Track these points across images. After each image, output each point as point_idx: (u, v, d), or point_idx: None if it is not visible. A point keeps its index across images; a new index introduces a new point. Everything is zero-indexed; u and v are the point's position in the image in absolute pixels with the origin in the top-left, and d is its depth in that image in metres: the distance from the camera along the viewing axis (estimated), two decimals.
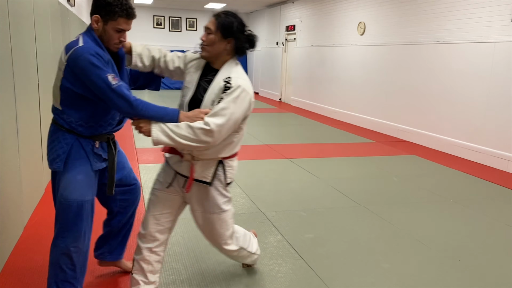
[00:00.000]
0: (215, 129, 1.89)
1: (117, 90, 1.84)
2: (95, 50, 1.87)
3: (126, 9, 1.98)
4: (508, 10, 5.21)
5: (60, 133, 2.01)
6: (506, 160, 5.25)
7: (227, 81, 1.98)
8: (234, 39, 2.06)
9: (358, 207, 3.83)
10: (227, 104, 1.92)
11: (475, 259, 2.90)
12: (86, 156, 2.03)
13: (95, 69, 1.82)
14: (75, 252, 2.04)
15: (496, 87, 5.40)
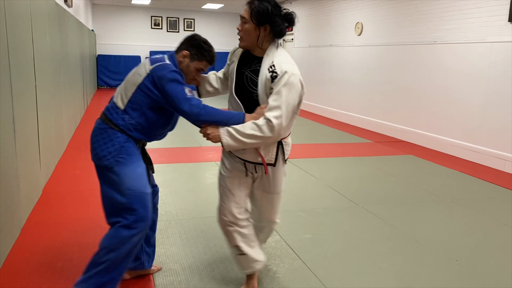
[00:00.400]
0: (276, 122, 1.94)
1: (190, 100, 2.04)
2: (179, 71, 2.13)
3: (212, 56, 2.26)
4: (505, 10, 5.22)
5: (111, 131, 2.14)
6: (504, 159, 5.26)
7: (272, 70, 2.00)
8: (270, 24, 2.04)
9: (356, 207, 3.83)
10: (279, 94, 1.95)
11: (472, 259, 2.91)
12: (139, 154, 2.20)
13: (175, 83, 2.06)
14: (138, 242, 2.11)
15: (493, 87, 5.41)
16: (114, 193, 2.10)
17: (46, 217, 3.39)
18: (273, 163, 2.16)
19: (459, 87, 5.94)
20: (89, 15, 12.62)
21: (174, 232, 3.17)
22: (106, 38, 14.48)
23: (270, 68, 2.01)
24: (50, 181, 4.29)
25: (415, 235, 3.26)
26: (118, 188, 2.08)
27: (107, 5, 14.24)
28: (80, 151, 5.59)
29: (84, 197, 3.89)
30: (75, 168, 4.78)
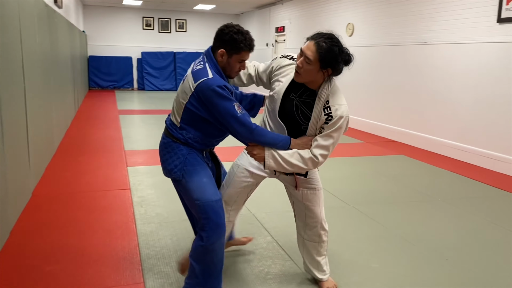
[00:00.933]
0: (322, 160, 2.11)
1: (241, 119, 2.07)
2: (223, 83, 2.08)
3: (249, 44, 2.17)
4: (493, 11, 5.27)
5: (175, 145, 2.22)
6: (493, 159, 5.31)
7: (328, 113, 2.07)
8: (332, 69, 2.05)
9: (347, 207, 3.84)
10: (331, 136, 2.09)
11: (463, 258, 2.93)
12: (203, 162, 2.27)
13: (223, 100, 2.05)
14: (220, 248, 2.20)
15: (483, 87, 5.46)
16: (189, 203, 2.23)
17: (36, 220, 3.36)
18: (304, 174, 2.30)
19: (449, 87, 5.99)
20: (80, 16, 12.54)
21: (165, 234, 3.16)
22: (97, 39, 14.40)
23: (325, 110, 2.08)
24: (39, 183, 4.26)
25: (406, 235, 3.27)
26: (189, 198, 2.20)
27: (98, 6, 14.16)
28: (70, 153, 5.55)
29: (74, 199, 3.86)
30: (65, 171, 4.74)
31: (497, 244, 3.18)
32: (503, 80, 5.18)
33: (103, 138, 6.53)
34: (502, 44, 5.18)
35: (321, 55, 2.00)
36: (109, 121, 8.17)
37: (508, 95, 5.12)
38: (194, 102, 2.11)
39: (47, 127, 4.90)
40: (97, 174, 4.64)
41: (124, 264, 2.69)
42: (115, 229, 3.23)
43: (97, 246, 2.92)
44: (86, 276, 2.54)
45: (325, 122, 2.07)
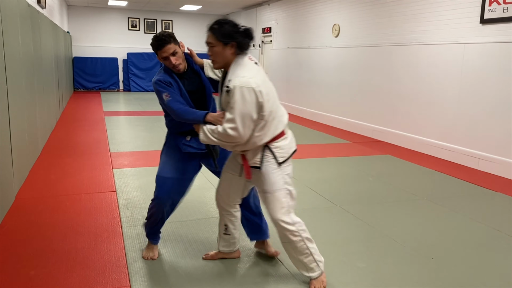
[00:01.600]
0: (231, 132, 2.22)
1: (168, 104, 2.47)
2: (158, 78, 2.53)
3: (154, 44, 2.52)
4: (476, 12, 5.35)
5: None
6: (477, 158, 5.38)
7: (227, 85, 2.24)
8: (234, 41, 2.26)
9: (334, 207, 3.86)
10: (232, 108, 2.20)
11: (448, 256, 2.96)
12: (175, 145, 2.67)
13: (157, 92, 2.52)
14: (156, 212, 2.74)
15: (467, 87, 5.53)
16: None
17: (19, 224, 3.30)
18: (258, 166, 2.36)
19: (434, 88, 6.06)
20: (64, 16, 12.39)
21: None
22: (82, 40, 14.25)
23: (226, 84, 2.25)
24: (23, 187, 4.19)
25: (392, 234, 3.30)
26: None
27: (83, 7, 14.02)
28: (55, 155, 5.48)
29: (59, 202, 3.81)
30: (50, 173, 4.68)
31: (482, 242, 3.23)
32: (486, 80, 5.26)
33: (88, 140, 6.46)
34: (485, 45, 5.26)
35: (216, 33, 2.26)
36: (94, 122, 8.08)
37: (491, 95, 5.20)
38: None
39: (30, 129, 4.82)
40: (82, 177, 4.59)
41: (110, 268, 2.66)
42: (101, 232, 3.20)
43: (83, 250, 2.89)
44: (71, 280, 2.50)
45: (226, 95, 2.24)
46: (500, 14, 5.03)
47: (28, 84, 4.78)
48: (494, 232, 3.42)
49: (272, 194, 2.38)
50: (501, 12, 5.01)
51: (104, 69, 14.41)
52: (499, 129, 5.11)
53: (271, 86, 2.37)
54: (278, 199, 2.39)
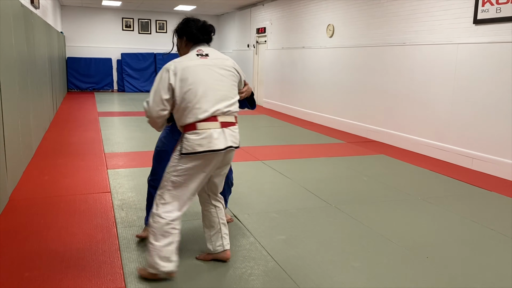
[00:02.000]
0: (144, 104, 2.46)
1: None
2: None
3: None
4: (470, 13, 5.38)
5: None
6: (471, 158, 5.42)
7: None
8: (185, 34, 2.57)
9: (329, 207, 3.87)
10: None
11: (442, 256, 2.98)
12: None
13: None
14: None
15: (460, 87, 5.57)
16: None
17: (13, 225, 3.28)
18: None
19: (427, 88, 6.09)
20: (57, 16, 12.33)
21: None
22: (76, 40, 14.18)
23: None
24: (17, 188, 4.16)
25: (387, 234, 3.31)
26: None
27: (77, 7, 13.95)
28: (49, 156, 5.45)
29: (53, 203, 3.79)
30: (44, 174, 4.65)
31: (476, 241, 3.25)
32: (479, 80, 5.29)
33: (82, 141, 6.43)
34: (478, 45, 5.30)
35: (175, 31, 2.64)
36: (88, 123, 8.05)
37: (484, 95, 5.23)
38: None
39: (24, 130, 4.79)
40: (77, 178, 4.57)
41: (105, 269, 2.65)
42: (95, 233, 3.18)
43: (77, 251, 2.88)
44: (66, 281, 2.49)
45: None
46: (493, 14, 5.07)
47: (22, 84, 4.75)
48: (488, 231, 3.44)
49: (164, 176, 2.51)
50: (494, 13, 5.05)
51: (98, 69, 14.35)
52: (493, 128, 5.14)
53: (200, 78, 2.40)
54: (160, 185, 2.51)
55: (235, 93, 2.56)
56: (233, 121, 2.49)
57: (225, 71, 2.51)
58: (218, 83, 2.45)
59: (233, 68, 2.57)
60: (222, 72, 2.49)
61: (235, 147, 2.49)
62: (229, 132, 2.44)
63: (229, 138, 2.44)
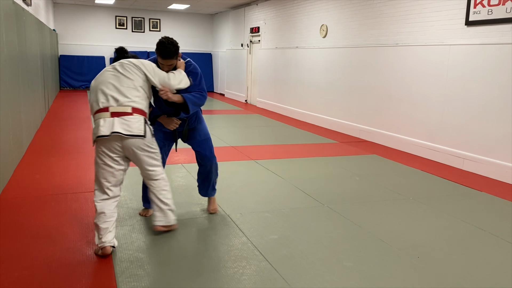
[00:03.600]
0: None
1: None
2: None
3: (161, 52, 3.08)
4: (462, 14, 5.42)
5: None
6: (462, 158, 5.46)
7: None
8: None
9: (322, 207, 3.88)
10: None
11: (433, 256, 3.00)
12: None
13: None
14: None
15: (452, 88, 5.61)
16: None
17: (3, 225, 3.25)
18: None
19: (420, 88, 6.12)
20: (50, 14, 12.24)
21: (138, 237, 3.12)
22: (68, 38, 14.09)
23: None
24: (7, 186, 4.13)
25: (379, 233, 3.33)
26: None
27: (70, 4, 13.85)
28: (40, 155, 5.41)
29: (44, 202, 3.76)
30: (35, 173, 4.62)
31: (466, 241, 3.27)
32: (471, 81, 5.33)
33: (74, 139, 6.39)
34: (470, 46, 5.34)
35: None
36: (80, 121, 8.00)
37: (476, 96, 5.27)
38: None
39: (15, 128, 4.75)
40: (68, 176, 4.54)
41: (96, 268, 2.64)
42: (86, 232, 3.17)
43: (68, 250, 2.86)
44: (56, 281, 2.47)
45: None
46: (484, 16, 5.11)
47: (13, 82, 4.71)
48: (478, 231, 3.47)
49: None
50: (486, 15, 5.09)
51: (90, 67, 14.26)
52: (484, 129, 5.18)
53: (100, 82, 2.85)
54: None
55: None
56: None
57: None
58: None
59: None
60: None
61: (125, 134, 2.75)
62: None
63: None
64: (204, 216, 3.57)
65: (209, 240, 3.12)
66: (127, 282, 2.49)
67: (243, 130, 8.05)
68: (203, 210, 3.70)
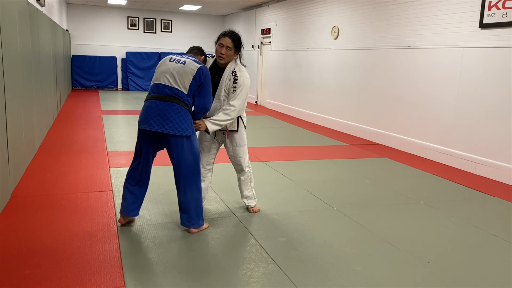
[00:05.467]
0: (238, 106, 3.30)
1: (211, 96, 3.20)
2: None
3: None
4: (475, 17, 5.36)
5: (185, 110, 3.02)
6: (474, 162, 5.39)
7: (234, 74, 3.31)
8: (239, 51, 3.40)
9: (331, 210, 3.85)
10: (240, 89, 3.30)
11: (444, 261, 2.96)
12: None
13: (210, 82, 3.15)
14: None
15: (465, 92, 5.54)
16: (190, 155, 3.06)
17: (14, 222, 3.29)
18: (236, 129, 3.46)
19: (432, 91, 6.06)
20: (63, 14, 12.37)
21: (147, 237, 3.12)
22: (81, 38, 14.22)
23: (232, 73, 3.33)
24: (19, 185, 4.17)
25: (389, 238, 3.29)
26: (189, 150, 3.05)
27: (83, 5, 13.99)
28: (52, 154, 5.46)
29: (55, 201, 3.79)
30: (46, 171, 4.66)
31: (478, 247, 3.23)
32: (484, 85, 5.27)
33: (85, 139, 6.44)
34: (483, 49, 5.27)
35: (235, 43, 3.33)
36: (92, 121, 8.06)
37: (489, 100, 5.21)
38: (198, 76, 3.01)
39: (27, 127, 4.80)
40: (79, 175, 4.57)
41: (105, 267, 2.65)
42: (96, 231, 3.18)
43: (78, 249, 2.88)
44: (66, 279, 2.49)
45: (234, 82, 3.29)
46: (499, 19, 5.04)
47: (26, 82, 4.77)
48: (491, 236, 3.42)
49: (242, 147, 3.55)
50: (500, 17, 5.02)
51: (102, 67, 14.38)
52: (497, 133, 5.11)
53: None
54: (245, 151, 3.64)
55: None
56: None
57: None
58: None
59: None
60: None
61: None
62: None
63: None
64: (213, 218, 3.56)
65: (218, 242, 3.11)
66: (136, 282, 2.50)
67: (253, 131, 8.04)
68: (211, 212, 3.69)
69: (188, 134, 3.01)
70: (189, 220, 3.17)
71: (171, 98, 2.98)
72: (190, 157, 3.07)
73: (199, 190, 3.16)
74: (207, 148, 3.53)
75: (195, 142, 3.11)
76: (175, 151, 3.05)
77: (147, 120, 3.00)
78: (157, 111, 2.97)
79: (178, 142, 3.01)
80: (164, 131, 2.96)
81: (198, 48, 3.36)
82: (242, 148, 3.50)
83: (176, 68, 3.02)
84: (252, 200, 3.71)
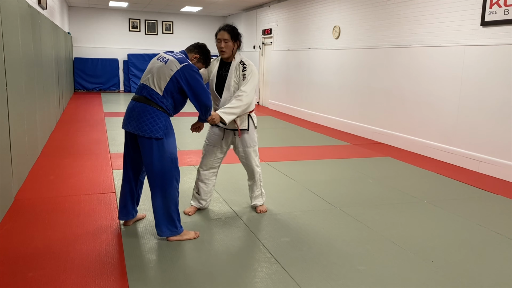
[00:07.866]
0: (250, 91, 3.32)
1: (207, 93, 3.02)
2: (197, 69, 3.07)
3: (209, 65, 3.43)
4: (477, 15, 5.34)
5: (158, 112, 2.92)
6: (477, 160, 5.37)
7: (242, 63, 3.38)
8: (238, 40, 3.42)
9: (334, 210, 3.85)
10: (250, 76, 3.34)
11: (448, 259, 2.95)
12: (172, 128, 3.05)
13: (200, 78, 3.00)
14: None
15: (467, 90, 5.53)
16: (159, 159, 2.92)
17: (18, 225, 3.29)
18: (246, 128, 3.51)
19: (434, 90, 6.05)
20: (65, 17, 12.40)
21: (150, 238, 3.13)
22: (83, 41, 14.26)
23: (240, 62, 3.39)
24: (22, 188, 4.18)
25: (393, 237, 3.29)
26: (162, 154, 2.92)
27: (84, 8, 14.03)
28: (55, 156, 5.47)
29: (58, 203, 3.80)
30: (49, 174, 4.67)
31: (482, 245, 3.22)
32: (486, 83, 5.25)
33: (88, 141, 6.45)
34: (485, 47, 5.26)
35: (231, 33, 3.36)
36: (94, 123, 8.08)
37: (491, 98, 5.19)
38: (178, 76, 2.91)
39: (30, 129, 4.82)
40: (82, 178, 4.58)
41: (109, 269, 2.65)
42: (99, 233, 3.19)
43: (81, 251, 2.88)
44: (69, 281, 2.49)
45: (243, 70, 3.35)
46: (501, 16, 5.02)
47: (28, 84, 4.78)
48: (494, 235, 3.41)
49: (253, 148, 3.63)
50: (502, 15, 5.01)
51: (104, 70, 14.41)
52: (500, 131, 5.10)
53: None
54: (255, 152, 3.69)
55: None
56: None
57: None
58: None
59: None
60: None
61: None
62: None
63: None
64: (215, 218, 3.56)
65: (221, 242, 3.11)
66: (139, 284, 2.50)
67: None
68: (214, 212, 3.69)
69: (159, 136, 2.88)
70: (156, 227, 3.06)
71: (145, 100, 2.93)
72: (160, 161, 2.92)
73: (166, 197, 2.97)
74: (211, 151, 3.52)
75: (169, 147, 2.95)
76: (143, 153, 2.96)
77: (125, 121, 3.02)
78: (133, 112, 2.95)
79: (147, 144, 2.91)
80: (135, 132, 2.92)
81: (196, 46, 3.21)
82: (253, 149, 3.54)
83: (157, 68, 2.96)
84: (260, 199, 3.71)
